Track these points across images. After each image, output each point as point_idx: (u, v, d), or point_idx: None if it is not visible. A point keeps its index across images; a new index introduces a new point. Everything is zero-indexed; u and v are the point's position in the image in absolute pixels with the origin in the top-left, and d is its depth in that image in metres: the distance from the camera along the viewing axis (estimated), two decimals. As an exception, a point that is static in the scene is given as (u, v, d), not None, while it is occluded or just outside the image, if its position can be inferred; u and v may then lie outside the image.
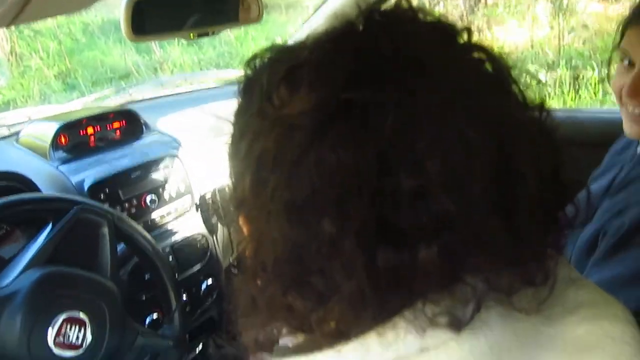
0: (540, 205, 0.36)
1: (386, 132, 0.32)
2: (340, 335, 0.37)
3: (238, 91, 0.43)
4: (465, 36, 0.38)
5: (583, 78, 3.47)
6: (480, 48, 0.38)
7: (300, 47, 0.39)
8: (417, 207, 0.32)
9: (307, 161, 0.33)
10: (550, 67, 3.40)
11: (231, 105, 0.43)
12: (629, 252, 0.80)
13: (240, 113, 0.42)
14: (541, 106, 0.38)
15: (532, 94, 0.39)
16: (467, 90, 0.35)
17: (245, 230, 0.40)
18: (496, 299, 0.37)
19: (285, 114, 0.34)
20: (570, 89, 3.39)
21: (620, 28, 0.86)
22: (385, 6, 0.38)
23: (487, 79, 0.37)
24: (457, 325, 0.36)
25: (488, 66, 0.38)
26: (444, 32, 0.38)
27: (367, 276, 0.33)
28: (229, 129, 0.45)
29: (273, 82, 0.37)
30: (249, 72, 0.43)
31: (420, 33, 0.37)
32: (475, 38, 0.38)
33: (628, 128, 0.88)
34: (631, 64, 0.84)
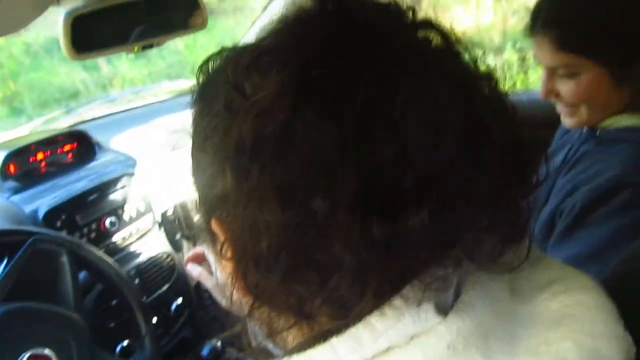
0: (510, 158, 0.37)
1: (360, 101, 0.33)
2: (344, 316, 0.37)
3: (193, 98, 0.43)
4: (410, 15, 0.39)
5: (530, 59, 3.56)
6: (430, 24, 0.39)
7: (260, 38, 0.39)
8: (400, 172, 0.33)
9: (291, 139, 0.33)
10: (497, 51, 3.47)
11: (185, 116, 0.42)
12: (583, 230, 0.82)
13: (201, 116, 0.41)
14: (490, 75, 0.40)
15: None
16: (432, 55, 0.37)
17: (222, 233, 0.39)
18: (478, 271, 0.38)
19: (260, 98, 0.34)
20: (519, 71, 3.46)
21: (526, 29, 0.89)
22: None
23: (442, 50, 0.39)
24: (443, 309, 0.37)
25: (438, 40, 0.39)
26: (396, 11, 0.39)
27: (365, 248, 0.33)
28: (184, 142, 0.44)
29: (241, 72, 0.37)
30: (202, 77, 0.43)
31: (379, 10, 0.39)
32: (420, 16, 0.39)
33: (562, 119, 0.94)
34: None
